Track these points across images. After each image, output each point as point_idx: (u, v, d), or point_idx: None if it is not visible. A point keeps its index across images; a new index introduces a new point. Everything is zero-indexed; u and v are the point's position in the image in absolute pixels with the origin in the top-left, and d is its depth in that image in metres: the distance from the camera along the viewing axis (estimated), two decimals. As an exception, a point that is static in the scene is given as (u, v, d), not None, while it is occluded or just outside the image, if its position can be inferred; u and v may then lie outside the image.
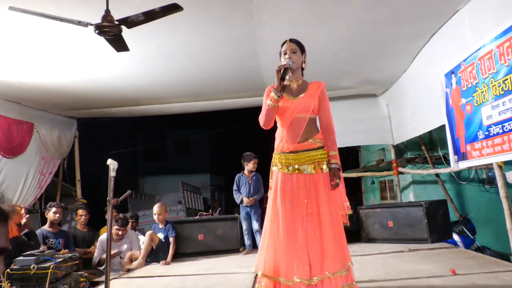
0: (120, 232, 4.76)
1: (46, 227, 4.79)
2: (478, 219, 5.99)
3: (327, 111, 2.64)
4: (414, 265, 3.64)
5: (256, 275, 2.58)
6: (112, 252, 4.56)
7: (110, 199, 2.62)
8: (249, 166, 5.22)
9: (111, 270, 4.64)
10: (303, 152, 2.51)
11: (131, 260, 4.62)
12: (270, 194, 2.58)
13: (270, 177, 2.61)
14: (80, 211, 5.50)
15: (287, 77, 2.44)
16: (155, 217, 4.88)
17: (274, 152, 2.61)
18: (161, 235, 4.88)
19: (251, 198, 5.13)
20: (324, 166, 2.51)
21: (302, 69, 2.66)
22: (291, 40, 2.58)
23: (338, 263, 2.41)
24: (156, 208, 4.94)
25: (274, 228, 2.48)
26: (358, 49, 4.61)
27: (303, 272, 2.35)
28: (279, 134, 2.61)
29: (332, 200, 2.50)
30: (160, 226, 4.91)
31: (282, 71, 2.40)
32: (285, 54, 2.55)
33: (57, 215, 4.79)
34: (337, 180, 2.49)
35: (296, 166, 2.49)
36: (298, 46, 2.58)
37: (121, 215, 4.96)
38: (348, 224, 2.58)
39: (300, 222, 2.42)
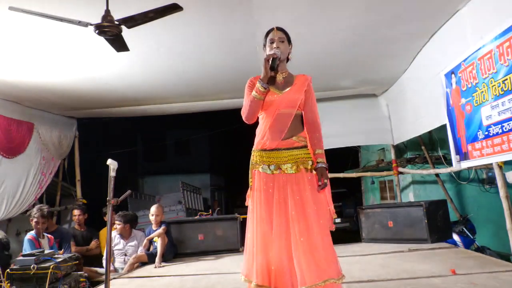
0: (119, 227, 4.79)
1: None
2: (478, 219, 6.00)
3: (313, 107, 2.42)
4: (414, 265, 3.64)
5: None
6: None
7: (110, 199, 2.62)
8: None
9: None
10: (285, 151, 2.32)
11: (136, 264, 4.61)
12: (251, 194, 2.38)
13: (250, 176, 2.38)
14: (75, 211, 5.54)
15: (275, 66, 2.27)
16: (152, 218, 4.84)
17: (254, 149, 2.41)
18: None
19: None
20: (309, 166, 2.31)
21: (287, 60, 2.46)
22: (278, 28, 2.39)
23: (327, 270, 2.16)
24: (155, 209, 4.87)
25: (254, 232, 2.30)
26: (358, 49, 4.61)
27: (284, 283, 2.19)
28: (260, 130, 2.40)
29: (318, 201, 2.28)
30: (154, 227, 4.84)
31: (271, 60, 2.23)
32: (272, 43, 2.36)
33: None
34: (325, 180, 2.28)
35: (278, 165, 2.30)
36: (286, 36, 2.40)
37: (125, 212, 5.06)
38: (334, 229, 2.36)
39: (283, 226, 2.23)
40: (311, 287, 2.11)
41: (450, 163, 4.75)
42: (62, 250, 4.59)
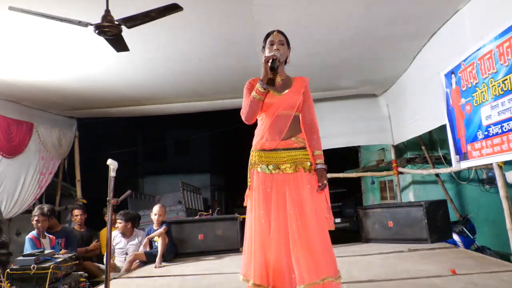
0: (121, 225, 4.81)
1: None
2: (478, 219, 6.00)
3: (311, 108, 2.48)
4: (414, 265, 3.64)
5: None
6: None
7: (110, 199, 2.62)
8: None
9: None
10: (284, 151, 2.35)
11: (136, 262, 4.62)
12: (249, 194, 2.41)
13: (248, 176, 2.41)
14: (75, 211, 5.54)
15: (275, 67, 2.30)
16: (154, 217, 4.86)
17: (253, 149, 2.44)
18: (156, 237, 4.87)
19: None
20: (307, 166, 2.34)
21: (285, 63, 2.51)
22: (279, 31, 2.43)
23: (325, 269, 2.18)
24: (158, 208, 4.89)
25: (252, 231, 2.32)
26: (358, 49, 4.61)
27: (283, 282, 2.20)
28: (260, 131, 2.44)
29: (316, 201, 2.31)
30: (155, 227, 4.85)
31: (270, 61, 2.27)
32: (272, 45, 2.39)
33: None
34: (325, 182, 2.33)
35: (277, 165, 2.33)
36: (285, 39, 2.44)
37: (126, 210, 5.12)
38: (333, 229, 2.38)
39: (282, 224, 2.24)
40: (309, 286, 2.13)
41: (450, 163, 4.75)
42: (66, 249, 4.59)
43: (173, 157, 17.89)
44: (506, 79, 2.94)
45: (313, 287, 2.14)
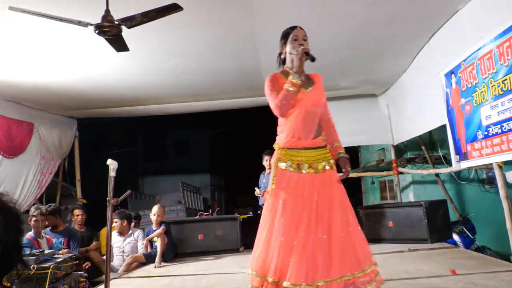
0: (117, 224, 4.83)
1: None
2: (478, 219, 5.99)
3: (326, 105, 2.59)
4: (414, 265, 3.63)
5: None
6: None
7: (110, 199, 2.62)
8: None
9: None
10: (313, 150, 2.36)
11: (134, 263, 4.62)
12: (272, 193, 2.33)
13: (273, 174, 2.34)
14: (76, 211, 5.54)
15: (310, 58, 2.31)
16: (153, 217, 4.86)
17: (281, 147, 2.37)
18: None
19: (261, 190, 5.08)
20: (333, 163, 2.40)
21: None
22: (300, 28, 2.41)
23: (347, 266, 2.22)
24: (156, 209, 4.90)
25: (276, 229, 2.27)
26: (358, 49, 4.61)
27: (306, 276, 2.16)
28: (289, 128, 2.36)
29: (345, 198, 2.36)
30: (154, 227, 4.87)
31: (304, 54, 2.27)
32: (295, 40, 2.36)
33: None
34: (349, 169, 2.41)
35: (308, 164, 2.32)
36: (306, 35, 2.42)
37: (121, 209, 5.14)
38: None
39: (313, 223, 2.23)
40: (340, 278, 2.16)
41: (450, 163, 4.75)
42: (68, 249, 4.59)
43: (173, 157, 17.89)
44: (506, 79, 2.95)
45: (331, 284, 2.14)
